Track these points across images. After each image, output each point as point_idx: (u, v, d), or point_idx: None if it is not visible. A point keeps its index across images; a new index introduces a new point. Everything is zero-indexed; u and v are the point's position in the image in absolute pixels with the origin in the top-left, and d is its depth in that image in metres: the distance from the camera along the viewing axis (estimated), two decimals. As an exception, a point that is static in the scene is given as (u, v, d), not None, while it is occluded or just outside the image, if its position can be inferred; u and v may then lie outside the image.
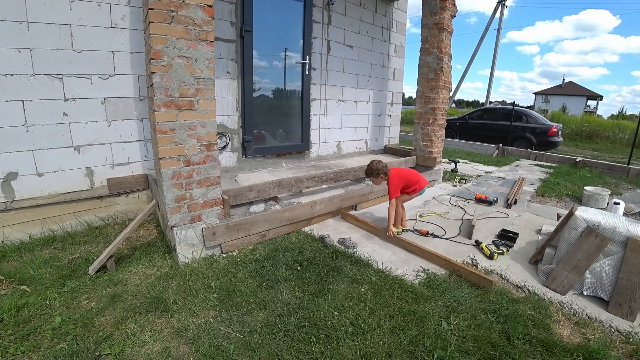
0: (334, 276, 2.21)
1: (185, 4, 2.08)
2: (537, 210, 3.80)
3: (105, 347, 1.57)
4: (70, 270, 2.19)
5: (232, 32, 3.45)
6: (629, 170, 6.05)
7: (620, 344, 1.74)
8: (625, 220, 2.06)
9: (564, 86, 38.95)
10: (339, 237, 2.81)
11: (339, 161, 4.65)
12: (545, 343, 1.68)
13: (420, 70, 4.59)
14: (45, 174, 2.65)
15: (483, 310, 1.92)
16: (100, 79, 2.77)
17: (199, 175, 2.35)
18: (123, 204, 3.07)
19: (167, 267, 2.27)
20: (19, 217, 2.57)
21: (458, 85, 17.80)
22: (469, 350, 1.62)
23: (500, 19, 16.97)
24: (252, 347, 1.59)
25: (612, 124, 15.93)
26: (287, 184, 3.25)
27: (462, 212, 3.64)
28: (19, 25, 2.38)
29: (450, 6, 4.30)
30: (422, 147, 4.74)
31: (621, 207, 3.20)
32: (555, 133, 9.15)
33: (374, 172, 2.86)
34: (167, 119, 2.13)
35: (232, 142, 3.69)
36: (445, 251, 2.62)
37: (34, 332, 1.65)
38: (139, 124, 3.04)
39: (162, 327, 1.73)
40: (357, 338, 1.67)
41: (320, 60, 4.34)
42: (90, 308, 1.85)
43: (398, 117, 5.87)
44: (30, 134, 2.54)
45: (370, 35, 4.96)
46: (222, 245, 2.50)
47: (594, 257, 2.03)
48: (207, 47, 2.22)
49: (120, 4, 2.77)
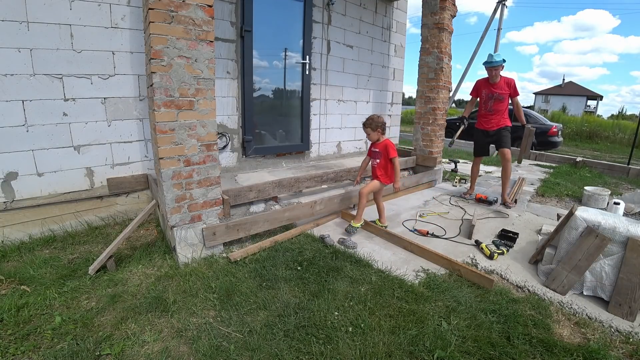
0: (334, 276, 2.21)
1: (185, 4, 2.08)
2: (537, 210, 3.80)
3: (105, 347, 1.57)
4: (70, 270, 2.19)
5: (232, 32, 3.45)
6: (629, 170, 6.05)
7: (620, 344, 1.74)
8: (625, 220, 2.06)
9: (564, 86, 38.94)
10: (339, 237, 2.81)
11: (339, 161, 4.66)
12: (545, 343, 1.68)
13: (420, 70, 4.59)
14: (45, 173, 2.65)
15: (483, 310, 1.92)
16: (100, 79, 2.78)
17: (199, 175, 2.35)
18: (123, 204, 3.07)
19: (167, 267, 2.27)
20: (19, 217, 2.58)
21: (458, 85, 17.77)
22: (469, 350, 1.62)
23: (500, 19, 16.96)
24: (252, 347, 1.59)
25: (612, 124, 15.94)
26: (287, 184, 3.26)
27: (462, 212, 3.64)
28: (19, 25, 2.38)
29: (450, 6, 4.30)
30: (422, 147, 4.74)
31: (621, 207, 3.20)
32: (555, 133, 9.15)
33: (373, 124, 2.84)
34: (167, 119, 2.13)
35: (232, 142, 3.69)
36: (445, 251, 2.62)
37: (34, 332, 1.65)
38: (139, 124, 3.04)
39: (162, 327, 1.73)
40: (357, 338, 1.67)
41: (320, 60, 4.34)
42: (90, 308, 1.85)
43: (398, 117, 5.88)
44: (30, 134, 2.54)
45: (370, 35, 4.96)
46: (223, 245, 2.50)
47: (594, 257, 2.03)
48: (207, 47, 2.22)
49: (120, 4, 2.77)
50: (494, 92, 3.73)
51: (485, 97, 3.81)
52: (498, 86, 3.73)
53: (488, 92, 3.77)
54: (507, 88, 3.72)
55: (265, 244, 2.58)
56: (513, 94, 3.75)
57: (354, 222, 2.93)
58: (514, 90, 3.73)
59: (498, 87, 3.72)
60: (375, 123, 2.84)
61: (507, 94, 3.73)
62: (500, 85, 3.72)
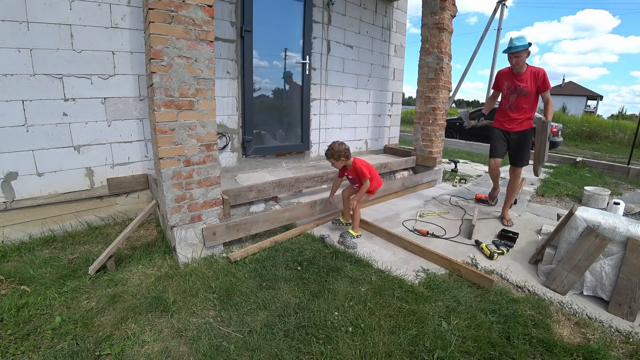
0: (334, 276, 2.21)
1: (185, 4, 2.08)
2: (537, 210, 3.80)
3: (105, 347, 1.57)
4: (70, 270, 2.19)
5: (232, 32, 3.45)
6: (629, 170, 6.04)
7: (620, 344, 1.74)
8: (625, 220, 2.06)
9: (564, 86, 38.91)
10: (339, 237, 2.81)
11: (339, 161, 4.65)
12: (545, 343, 1.68)
13: (420, 70, 4.59)
14: (45, 173, 2.65)
15: (483, 310, 1.92)
16: (100, 78, 2.77)
17: (199, 175, 2.35)
18: (123, 204, 3.07)
19: (167, 267, 2.27)
20: (19, 217, 2.57)
21: (458, 85, 17.79)
22: (469, 350, 1.62)
23: (500, 19, 16.96)
24: (252, 347, 1.59)
25: (612, 124, 15.92)
26: (287, 184, 3.25)
27: (462, 212, 3.64)
28: (19, 25, 2.38)
29: (450, 6, 4.30)
30: (422, 147, 4.74)
31: (621, 207, 3.20)
32: (555, 133, 9.15)
33: (335, 154, 2.71)
34: (167, 119, 2.13)
35: (232, 142, 3.69)
36: (445, 251, 2.62)
37: (34, 332, 1.65)
38: (139, 124, 3.04)
39: (162, 327, 1.73)
40: (357, 338, 1.67)
41: (320, 60, 4.34)
42: (90, 308, 1.85)
43: (398, 117, 5.88)
44: (30, 134, 2.53)
45: (370, 35, 4.96)
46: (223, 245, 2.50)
47: (594, 257, 2.03)
48: (207, 47, 2.22)
49: (120, 4, 2.77)
50: (517, 85, 3.05)
51: (507, 90, 3.15)
52: (523, 78, 3.03)
53: (510, 85, 3.11)
54: (535, 80, 2.99)
55: (265, 244, 2.58)
56: (542, 87, 2.99)
57: (353, 230, 2.87)
58: (543, 82, 2.97)
59: (522, 78, 3.03)
60: (337, 152, 2.70)
61: (534, 87, 3.01)
62: (526, 77, 3.02)
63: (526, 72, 3.03)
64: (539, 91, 3.03)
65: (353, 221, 2.87)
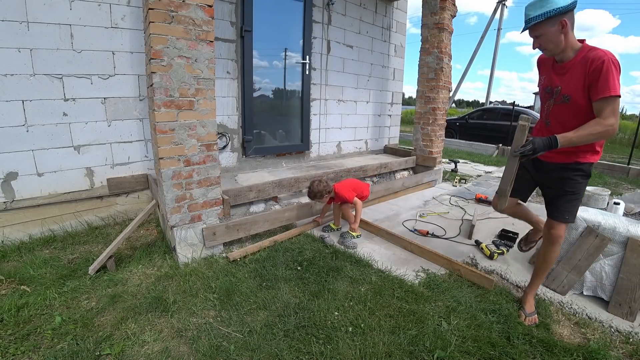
0: (334, 276, 2.21)
1: (185, 4, 2.08)
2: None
3: (105, 347, 1.57)
4: (70, 270, 2.18)
5: (232, 32, 3.45)
6: (629, 170, 6.05)
7: (620, 344, 1.74)
8: (625, 220, 2.06)
9: (564, 86, 38.81)
10: (339, 237, 2.81)
11: (339, 161, 4.65)
12: (545, 343, 1.68)
13: (420, 70, 4.59)
14: (45, 174, 2.65)
15: (483, 310, 1.92)
16: (100, 79, 2.77)
17: (199, 175, 2.35)
18: (123, 204, 3.07)
19: (167, 267, 2.27)
20: (19, 217, 2.57)
21: (458, 85, 17.81)
22: (469, 350, 1.62)
23: (500, 19, 16.98)
24: (252, 347, 1.59)
25: (612, 124, 15.88)
26: (287, 184, 3.26)
27: (462, 212, 3.64)
28: (19, 25, 2.38)
29: (450, 6, 4.30)
30: (422, 147, 4.74)
31: (621, 207, 3.20)
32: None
33: (318, 194, 2.75)
34: (167, 119, 2.13)
35: (232, 142, 3.69)
36: (445, 251, 2.62)
37: (34, 332, 1.65)
38: (139, 124, 3.04)
39: (162, 327, 1.73)
40: (357, 338, 1.67)
41: (320, 60, 4.34)
42: (90, 308, 1.85)
43: (398, 117, 5.87)
44: (30, 134, 2.53)
45: (370, 35, 4.96)
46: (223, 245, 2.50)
47: (594, 257, 2.03)
48: (207, 47, 2.22)
49: (120, 4, 2.77)
50: (555, 85, 1.74)
51: (543, 91, 1.86)
52: (565, 69, 1.70)
53: (546, 84, 1.82)
54: (584, 75, 1.60)
55: (265, 243, 2.58)
56: (593, 89, 1.57)
57: (353, 231, 2.87)
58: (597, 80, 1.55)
59: (566, 72, 1.70)
60: (320, 192, 2.75)
61: (582, 88, 1.62)
62: (572, 69, 1.67)
63: (574, 58, 1.66)
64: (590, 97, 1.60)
65: (354, 221, 2.87)
